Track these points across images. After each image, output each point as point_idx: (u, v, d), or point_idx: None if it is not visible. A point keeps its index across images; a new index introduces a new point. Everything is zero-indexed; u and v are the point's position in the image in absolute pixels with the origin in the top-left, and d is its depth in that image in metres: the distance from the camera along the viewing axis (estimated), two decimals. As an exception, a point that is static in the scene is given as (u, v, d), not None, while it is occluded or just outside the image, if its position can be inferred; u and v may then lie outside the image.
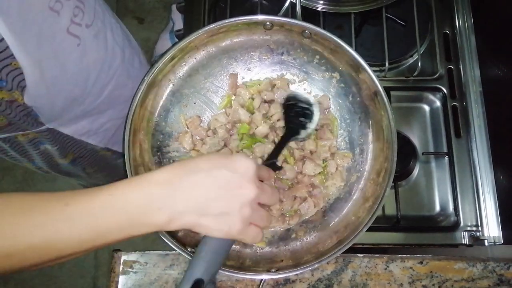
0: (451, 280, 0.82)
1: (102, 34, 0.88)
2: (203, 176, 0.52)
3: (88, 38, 0.82)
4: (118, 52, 0.96)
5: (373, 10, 1.01)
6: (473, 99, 1.00)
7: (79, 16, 0.78)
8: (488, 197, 0.93)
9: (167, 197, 0.51)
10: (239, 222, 0.53)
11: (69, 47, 0.78)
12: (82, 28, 0.80)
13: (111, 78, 0.95)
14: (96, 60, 0.88)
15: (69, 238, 0.49)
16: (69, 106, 0.89)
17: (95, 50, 0.87)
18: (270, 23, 0.86)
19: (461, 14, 1.08)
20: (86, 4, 0.80)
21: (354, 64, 0.84)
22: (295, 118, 0.80)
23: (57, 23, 0.72)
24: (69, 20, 0.75)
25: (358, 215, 0.82)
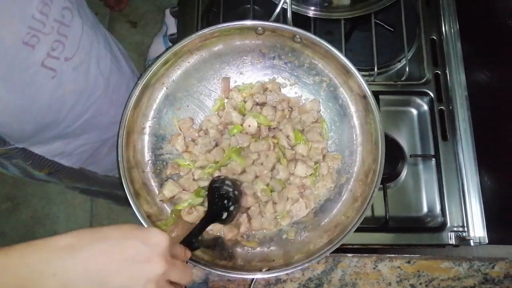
0: (438, 279, 0.84)
1: (84, 65, 0.88)
2: (109, 245, 0.49)
3: (65, 71, 0.82)
4: (101, 82, 0.96)
5: (363, 16, 1.04)
6: (459, 103, 1.03)
7: (58, 49, 0.78)
8: (474, 199, 0.96)
9: (64, 264, 0.47)
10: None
11: (43, 79, 0.77)
12: (60, 61, 0.80)
13: (90, 106, 0.95)
14: (73, 91, 0.87)
15: None
16: (41, 130, 0.88)
17: (73, 82, 0.86)
18: (262, 28, 0.88)
19: (448, 21, 1.11)
20: (70, 37, 0.80)
21: (344, 68, 0.86)
22: (219, 201, 0.77)
23: (31, 56, 0.72)
24: (45, 54, 0.75)
25: (348, 215, 0.84)
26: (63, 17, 0.77)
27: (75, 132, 0.97)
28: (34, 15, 0.69)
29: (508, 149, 0.94)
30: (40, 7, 0.70)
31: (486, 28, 1.07)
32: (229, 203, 0.78)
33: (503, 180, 0.94)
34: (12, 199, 2.16)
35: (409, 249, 0.95)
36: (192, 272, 0.58)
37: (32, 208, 2.15)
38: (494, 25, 1.03)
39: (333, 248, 0.76)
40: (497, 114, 0.99)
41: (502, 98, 0.98)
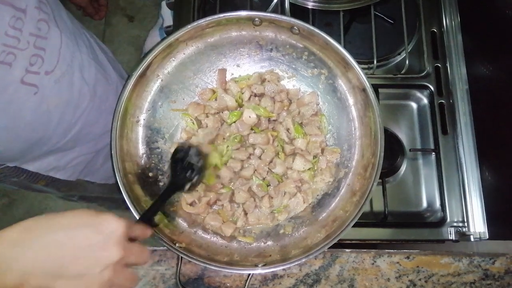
0: (438, 275, 0.83)
1: (67, 77, 0.85)
2: (62, 235, 0.49)
3: (47, 85, 0.79)
4: (87, 92, 0.93)
5: (362, 8, 1.02)
6: (459, 96, 1.01)
7: (37, 64, 0.75)
8: (474, 194, 0.94)
9: (16, 258, 0.47)
10: (98, 286, 0.50)
11: (24, 96, 0.75)
12: (41, 76, 0.77)
13: (78, 118, 0.93)
14: (58, 104, 0.84)
15: None
16: (29, 148, 0.86)
17: (57, 95, 0.83)
18: (259, 19, 0.86)
19: (449, 13, 1.09)
20: (48, 50, 0.77)
21: (343, 61, 0.84)
22: (181, 173, 0.76)
23: (9, 75, 0.69)
24: (23, 70, 0.72)
25: (346, 210, 0.82)
26: (39, 30, 0.73)
27: (67, 146, 0.95)
28: (7, 31, 0.66)
29: (509, 143, 0.92)
30: (12, 23, 0.66)
31: (487, 21, 1.05)
32: (192, 173, 0.76)
33: (504, 175, 0.92)
34: (8, 195, 2.14)
35: (408, 244, 0.94)
36: (149, 253, 0.58)
37: (28, 204, 2.13)
38: (495, 18, 1.02)
39: (330, 243, 0.74)
40: (499, 108, 0.97)
41: (503, 92, 0.96)
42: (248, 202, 0.86)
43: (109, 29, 2.29)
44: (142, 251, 0.55)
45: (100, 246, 0.49)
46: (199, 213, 0.85)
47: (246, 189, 0.86)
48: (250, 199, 0.86)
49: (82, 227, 0.50)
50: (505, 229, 0.89)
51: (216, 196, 0.86)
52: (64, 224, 0.50)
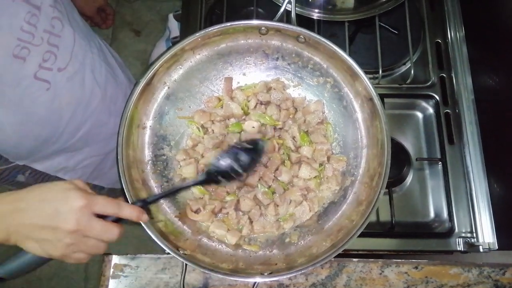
0: (447, 286, 0.81)
1: (78, 76, 0.86)
2: (32, 209, 0.57)
3: (60, 82, 0.81)
4: (97, 92, 0.94)
5: (367, 18, 1.03)
6: (465, 106, 1.01)
7: (50, 60, 0.76)
8: (482, 203, 0.93)
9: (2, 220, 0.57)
10: (60, 250, 0.58)
11: (37, 92, 0.76)
12: (53, 72, 0.78)
13: (88, 117, 0.94)
14: (70, 102, 0.86)
15: None
16: (40, 146, 0.87)
17: (69, 93, 0.85)
18: (265, 28, 0.87)
19: (453, 25, 1.10)
20: (61, 48, 0.78)
21: (349, 70, 0.84)
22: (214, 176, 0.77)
23: (23, 69, 0.71)
24: (37, 66, 0.74)
25: (352, 219, 0.81)
26: (53, 27, 0.75)
27: (76, 145, 0.95)
28: (23, 26, 0.68)
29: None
30: (28, 18, 0.68)
31: (492, 32, 1.06)
32: (225, 180, 0.77)
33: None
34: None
35: (416, 255, 0.92)
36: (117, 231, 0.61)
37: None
38: (500, 29, 1.02)
39: (336, 253, 0.73)
40: (506, 117, 0.97)
41: (510, 102, 0.96)
42: (253, 210, 0.85)
43: (115, 43, 2.32)
44: (105, 228, 0.60)
45: (62, 218, 0.56)
46: (204, 221, 0.84)
47: (252, 197, 0.86)
48: (256, 207, 0.85)
49: (49, 201, 0.57)
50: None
51: (221, 204, 0.86)
52: (35, 198, 0.58)
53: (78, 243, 0.59)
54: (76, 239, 0.58)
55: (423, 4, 1.09)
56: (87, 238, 0.59)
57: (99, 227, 0.59)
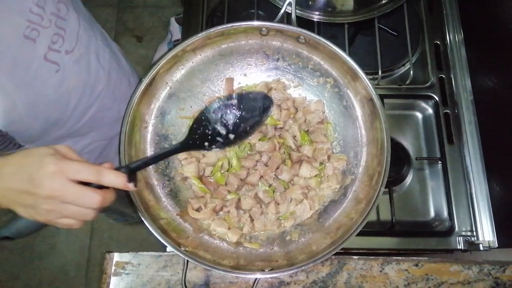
0: (447, 283, 0.81)
1: (84, 59, 0.88)
2: (13, 172, 0.58)
3: (68, 64, 0.82)
4: (102, 76, 0.96)
5: (366, 20, 1.04)
6: (464, 106, 1.02)
7: (58, 42, 0.78)
8: (482, 202, 0.94)
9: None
10: (42, 215, 0.59)
11: (47, 73, 0.78)
12: (62, 55, 0.80)
13: (94, 101, 0.95)
14: (77, 85, 0.88)
15: None
16: (49, 129, 0.88)
17: (76, 75, 0.86)
18: (266, 29, 0.88)
19: (452, 27, 1.11)
20: (67, 31, 0.80)
21: (349, 70, 0.86)
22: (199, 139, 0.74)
23: (33, 50, 0.73)
24: (46, 47, 0.75)
25: (351, 217, 0.82)
26: (58, 11, 0.77)
27: (82, 130, 0.96)
28: (32, 8, 0.70)
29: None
30: (36, 1, 0.71)
31: (491, 35, 1.07)
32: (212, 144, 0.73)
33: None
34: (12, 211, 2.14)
35: (416, 254, 0.92)
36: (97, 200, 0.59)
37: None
38: (499, 31, 1.03)
39: (336, 250, 0.73)
40: (505, 117, 0.98)
41: (509, 102, 0.97)
42: (254, 208, 0.86)
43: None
44: (82, 194, 0.58)
45: (36, 183, 0.56)
46: (205, 219, 0.85)
47: (253, 195, 0.86)
48: (257, 205, 0.86)
49: (27, 166, 0.57)
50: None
51: (222, 202, 0.86)
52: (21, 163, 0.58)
53: (58, 209, 0.58)
54: (54, 205, 0.57)
55: (421, 6, 1.11)
56: (66, 204, 0.58)
57: (74, 193, 0.57)
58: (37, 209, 0.58)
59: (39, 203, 0.57)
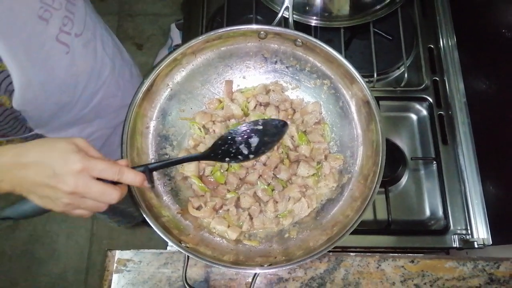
0: (443, 279, 0.83)
1: (91, 44, 0.91)
2: (33, 166, 0.59)
3: (77, 47, 0.85)
4: (107, 63, 0.99)
5: (361, 25, 1.07)
6: (458, 108, 1.05)
7: (68, 25, 0.81)
8: (476, 201, 0.96)
9: (4, 174, 0.60)
10: (59, 207, 0.61)
11: (58, 54, 0.81)
12: (72, 37, 0.83)
13: (100, 87, 0.98)
14: (85, 69, 0.90)
15: None
16: (58, 112, 0.90)
17: (84, 59, 0.89)
18: (264, 32, 0.91)
19: (445, 32, 1.14)
20: (76, 15, 0.84)
21: (346, 72, 0.88)
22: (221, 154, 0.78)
23: (46, 31, 0.76)
24: (58, 29, 0.79)
25: (347, 214, 0.83)
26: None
27: (88, 116, 0.99)
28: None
29: (509, 151, 0.94)
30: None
31: (483, 39, 1.10)
32: (231, 160, 0.78)
33: (505, 182, 0.94)
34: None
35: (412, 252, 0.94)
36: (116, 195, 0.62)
37: (32, 226, 2.13)
38: (491, 35, 1.06)
39: (332, 246, 0.75)
40: (497, 118, 1.00)
41: (501, 103, 0.99)
42: (253, 206, 0.87)
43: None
44: (104, 191, 0.61)
45: (60, 179, 0.58)
46: (205, 217, 0.86)
47: (252, 194, 0.88)
48: (256, 203, 0.88)
49: (52, 161, 0.59)
50: (508, 234, 0.89)
51: (221, 201, 0.88)
52: (35, 156, 0.59)
53: (76, 203, 0.61)
54: (75, 200, 0.60)
55: (415, 11, 1.14)
56: (86, 199, 0.61)
57: (97, 190, 0.60)
58: (55, 202, 0.60)
59: (60, 197, 0.59)
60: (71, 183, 0.58)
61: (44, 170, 0.58)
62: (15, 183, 0.60)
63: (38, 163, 0.58)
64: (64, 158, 0.58)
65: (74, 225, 2.14)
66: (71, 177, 0.58)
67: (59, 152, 0.59)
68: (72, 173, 0.58)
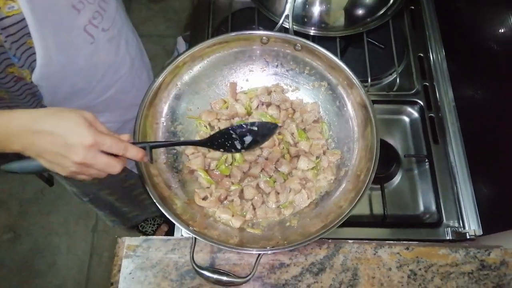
0: (436, 265, 0.87)
1: (115, 40, 0.99)
2: (45, 134, 0.64)
3: (101, 40, 0.92)
4: (127, 61, 1.06)
5: (356, 35, 1.16)
6: (447, 111, 1.12)
7: (97, 19, 0.89)
8: (467, 195, 1.01)
9: (16, 137, 0.65)
10: (66, 173, 0.67)
11: (83, 42, 0.88)
12: (98, 30, 0.90)
13: (116, 81, 1.04)
14: (105, 61, 0.97)
15: None
16: (72, 96, 0.96)
17: (106, 52, 0.96)
18: (266, 37, 0.99)
19: (433, 43, 1.23)
20: (107, 12, 0.92)
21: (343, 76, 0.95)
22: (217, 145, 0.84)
23: (76, 19, 0.83)
24: (87, 20, 0.86)
25: (341, 205, 0.88)
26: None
27: (100, 106, 1.04)
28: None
29: (496, 149, 1.00)
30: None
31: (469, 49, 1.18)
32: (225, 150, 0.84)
33: (493, 177, 1.00)
34: (14, 230, 2.17)
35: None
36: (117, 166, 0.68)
37: (32, 239, 2.15)
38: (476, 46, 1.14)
39: (330, 230, 0.78)
40: (483, 119, 1.07)
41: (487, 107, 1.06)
42: (256, 197, 0.92)
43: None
44: (109, 164, 0.67)
45: (71, 150, 0.64)
46: (211, 207, 0.91)
47: (255, 185, 0.93)
48: (258, 195, 0.93)
49: (65, 133, 0.64)
50: (496, 224, 0.94)
51: (226, 192, 0.93)
52: (49, 127, 0.64)
53: (82, 171, 0.67)
54: (81, 168, 0.66)
55: (405, 23, 1.23)
56: (91, 168, 0.66)
57: (103, 162, 0.66)
58: (63, 168, 0.65)
59: (68, 165, 0.64)
60: (81, 155, 0.64)
61: (56, 139, 0.63)
62: (26, 146, 0.65)
63: (51, 132, 0.63)
64: (77, 131, 0.63)
65: (75, 238, 2.16)
66: (82, 150, 0.64)
67: (72, 124, 0.64)
68: (83, 147, 0.64)
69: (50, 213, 2.20)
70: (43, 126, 0.63)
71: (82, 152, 0.64)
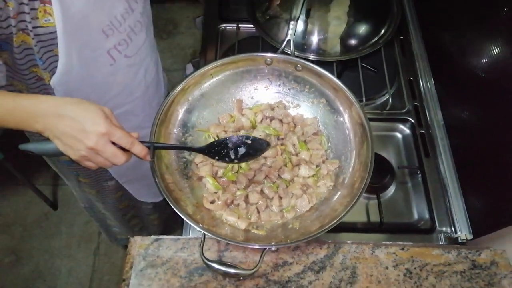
0: (430, 264, 0.93)
1: (135, 67, 1.08)
2: (67, 119, 0.71)
3: (122, 64, 1.02)
4: (142, 87, 1.15)
5: (351, 60, 1.28)
6: (437, 128, 1.21)
7: (123, 46, 0.99)
8: (457, 204, 1.08)
9: (41, 118, 0.72)
10: (76, 156, 0.74)
11: (103, 62, 0.97)
12: (121, 56, 1.00)
13: (128, 102, 1.13)
14: (121, 82, 1.06)
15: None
16: None
17: (124, 75, 1.06)
18: (270, 59, 1.10)
19: (422, 68, 1.35)
20: (133, 42, 1.02)
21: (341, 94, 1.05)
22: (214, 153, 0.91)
23: (103, 42, 0.93)
24: (112, 45, 0.96)
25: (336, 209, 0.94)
26: (134, 26, 0.99)
27: None
28: (117, 16, 0.92)
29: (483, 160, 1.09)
30: (122, 12, 0.93)
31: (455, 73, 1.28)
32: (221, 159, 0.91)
33: (480, 186, 1.07)
34: (16, 253, 2.19)
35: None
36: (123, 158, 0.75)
37: (34, 262, 2.16)
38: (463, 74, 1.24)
39: (327, 229, 0.85)
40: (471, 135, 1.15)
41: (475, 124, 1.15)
42: (260, 202, 0.99)
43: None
44: (115, 154, 0.75)
45: (84, 135, 0.71)
46: (218, 210, 0.98)
47: (259, 190, 1.00)
48: (262, 199, 0.99)
49: (85, 120, 0.71)
50: (485, 227, 1.00)
51: (232, 197, 1.00)
52: (70, 113, 0.72)
53: (91, 157, 0.73)
54: (91, 154, 0.73)
55: (396, 51, 1.36)
56: (99, 156, 0.74)
57: (111, 152, 0.74)
58: (74, 151, 0.73)
59: (80, 148, 0.72)
60: (93, 140, 0.71)
61: (76, 124, 0.71)
62: (48, 127, 0.72)
63: (73, 118, 0.71)
64: (94, 120, 0.72)
65: (76, 261, 2.17)
66: (95, 136, 0.71)
67: (92, 113, 0.72)
68: (97, 134, 0.71)
69: (53, 236, 2.22)
70: (67, 111, 0.71)
71: (95, 138, 0.71)
